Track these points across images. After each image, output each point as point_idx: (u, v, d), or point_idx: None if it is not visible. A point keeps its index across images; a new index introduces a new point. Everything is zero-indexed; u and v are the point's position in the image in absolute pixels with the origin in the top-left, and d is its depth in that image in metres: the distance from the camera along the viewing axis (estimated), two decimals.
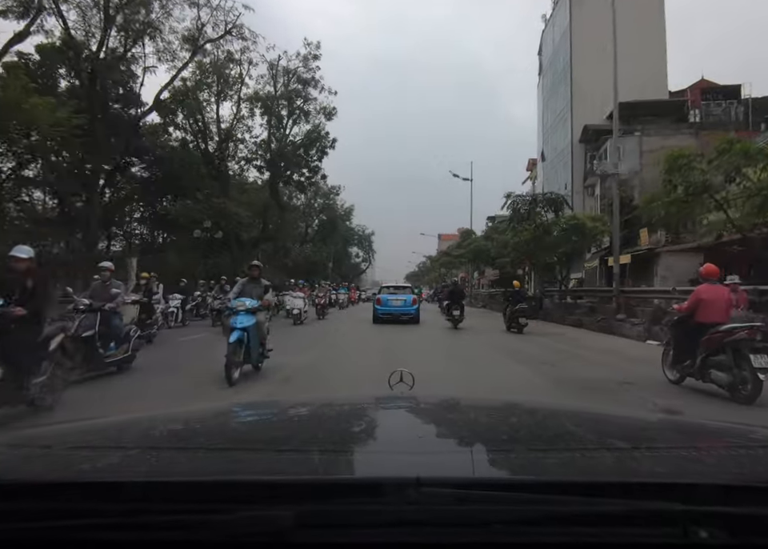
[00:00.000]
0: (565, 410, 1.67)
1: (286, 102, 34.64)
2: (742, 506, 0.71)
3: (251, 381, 6.91)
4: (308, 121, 35.61)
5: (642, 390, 6.51)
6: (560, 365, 8.99)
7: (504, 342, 12.95)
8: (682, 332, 6.81)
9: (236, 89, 33.13)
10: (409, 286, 22.63)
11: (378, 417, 1.49)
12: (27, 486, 0.76)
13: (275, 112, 34.59)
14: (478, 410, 1.61)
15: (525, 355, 10.17)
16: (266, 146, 35.04)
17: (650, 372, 7.52)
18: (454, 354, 10.54)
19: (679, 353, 6.78)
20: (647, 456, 1.03)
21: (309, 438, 1.18)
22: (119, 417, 1.47)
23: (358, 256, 79.01)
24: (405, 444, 1.08)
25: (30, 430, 1.34)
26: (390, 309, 18.41)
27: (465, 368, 8.50)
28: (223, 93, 32.82)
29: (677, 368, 6.85)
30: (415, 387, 1.88)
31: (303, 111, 35.14)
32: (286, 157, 35.06)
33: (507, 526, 0.69)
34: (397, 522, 0.69)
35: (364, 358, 9.47)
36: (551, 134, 40.24)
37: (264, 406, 1.77)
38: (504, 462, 0.98)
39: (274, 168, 35.01)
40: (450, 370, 8.05)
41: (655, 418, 1.63)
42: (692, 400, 6.15)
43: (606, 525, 0.70)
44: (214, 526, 0.68)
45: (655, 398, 5.76)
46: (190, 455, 1.00)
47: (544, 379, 7.55)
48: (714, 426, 1.38)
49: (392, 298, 18.92)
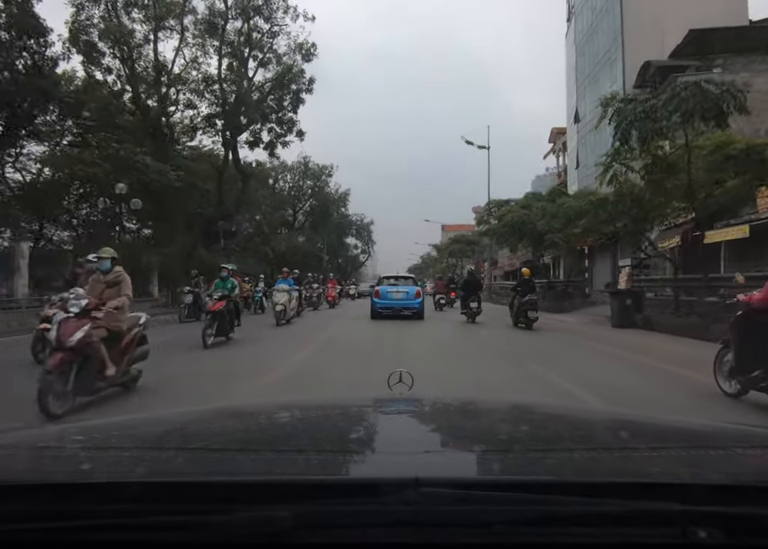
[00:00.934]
0: (564, 410, 1.69)
1: (242, 23, 25.48)
2: (740, 507, 0.70)
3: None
4: (279, 63, 26.74)
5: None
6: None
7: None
8: (750, 331, 5.20)
9: (177, 14, 24.54)
10: (411, 277, 19.60)
11: (377, 417, 1.51)
12: (26, 487, 0.76)
13: (229, 41, 25.58)
14: (477, 410, 1.61)
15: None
16: (220, 90, 25.80)
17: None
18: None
19: (744, 359, 5.20)
20: (646, 456, 1.03)
21: (308, 438, 1.19)
22: (118, 417, 1.56)
23: (357, 247, 70.24)
24: (404, 444, 1.08)
25: (30, 430, 1.35)
26: (391, 302, 16.00)
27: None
28: (162, 20, 24.47)
29: (738, 378, 5.33)
30: (414, 388, 1.88)
31: (270, 48, 26.21)
32: (248, 104, 25.55)
33: (506, 527, 0.69)
34: (395, 523, 0.70)
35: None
36: (589, 87, 31.32)
37: (263, 407, 1.78)
38: (503, 462, 0.98)
39: (230, 119, 25.67)
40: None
41: (654, 418, 1.57)
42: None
43: (605, 525, 0.70)
44: (213, 526, 0.69)
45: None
46: (189, 456, 1.01)
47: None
48: (712, 427, 1.36)
49: (393, 291, 16.35)
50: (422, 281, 34.15)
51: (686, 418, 1.71)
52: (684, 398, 5.67)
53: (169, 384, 6.14)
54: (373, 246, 70.97)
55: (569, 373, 6.99)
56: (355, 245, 69.18)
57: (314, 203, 55.15)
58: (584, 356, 9.31)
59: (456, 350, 9.84)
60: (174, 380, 6.36)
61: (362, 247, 69.25)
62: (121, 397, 5.58)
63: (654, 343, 11.09)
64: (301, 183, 55.31)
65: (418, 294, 16.37)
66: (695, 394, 5.76)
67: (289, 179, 54.55)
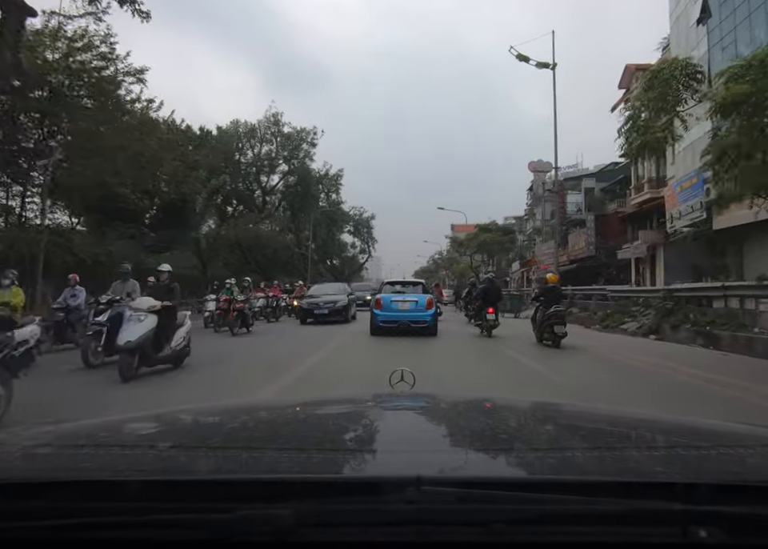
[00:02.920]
0: (565, 409, 1.68)
1: None
2: (741, 506, 0.70)
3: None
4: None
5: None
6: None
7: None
8: None
9: None
10: (420, 283, 15.73)
11: (379, 415, 1.50)
12: (25, 486, 0.77)
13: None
14: (478, 408, 1.61)
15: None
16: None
17: None
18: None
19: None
20: (646, 455, 1.03)
21: (309, 436, 1.19)
22: (119, 416, 1.51)
23: (355, 246, 57.85)
24: (405, 443, 1.09)
25: (30, 429, 1.32)
26: (395, 314, 12.99)
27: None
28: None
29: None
30: (416, 386, 1.87)
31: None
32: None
33: (507, 526, 0.69)
34: (397, 522, 0.70)
35: None
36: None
37: (264, 405, 1.81)
38: (504, 461, 0.98)
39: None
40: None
41: (654, 417, 1.59)
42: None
43: (606, 524, 0.70)
44: (214, 524, 0.69)
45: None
46: (190, 454, 1.01)
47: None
48: (713, 426, 1.36)
49: (398, 299, 13.37)
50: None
51: (686, 417, 1.72)
52: None
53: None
54: (374, 245, 58.10)
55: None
56: (353, 243, 57.22)
57: (292, 181, 41.32)
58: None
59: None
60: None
61: (360, 246, 57.35)
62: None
63: None
64: (273, 154, 40.17)
65: (430, 304, 13.36)
66: None
67: (261, 147, 40.40)
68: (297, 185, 40.80)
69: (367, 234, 55.72)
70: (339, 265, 56.77)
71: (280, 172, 41.32)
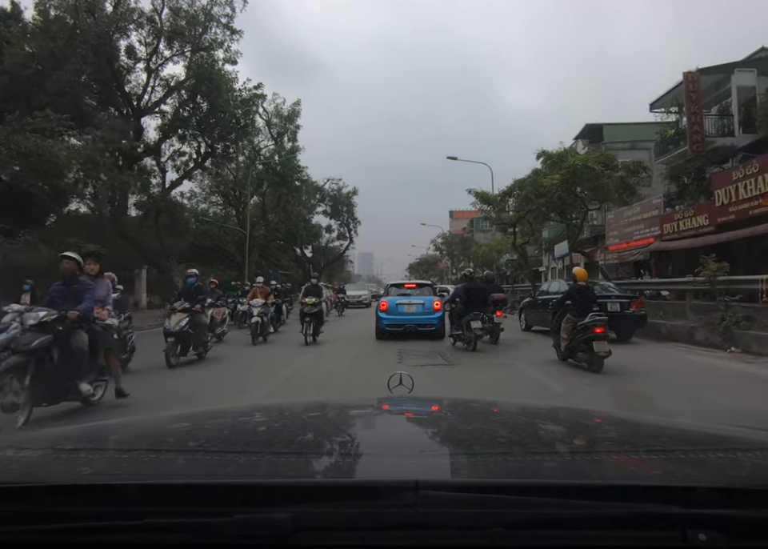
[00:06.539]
0: (563, 413, 1.66)
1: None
2: (741, 510, 0.71)
3: None
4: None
5: None
6: None
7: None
8: None
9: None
10: (428, 284, 15.27)
11: (377, 420, 1.51)
12: (23, 489, 0.76)
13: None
14: (477, 412, 1.61)
15: None
16: None
17: None
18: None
19: None
20: (646, 459, 1.03)
21: (307, 440, 1.19)
22: (118, 420, 1.54)
23: (331, 230, 44.15)
24: (403, 447, 1.08)
25: (30, 432, 1.33)
26: (401, 318, 12.58)
27: None
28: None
29: None
30: (414, 391, 1.86)
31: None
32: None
33: (506, 530, 0.69)
34: (395, 526, 0.70)
35: None
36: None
37: (263, 409, 1.78)
38: (503, 465, 0.98)
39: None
40: None
41: (654, 421, 1.57)
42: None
43: (606, 528, 0.70)
44: (213, 528, 0.69)
45: None
46: (189, 458, 1.01)
47: None
48: (713, 429, 1.35)
49: (404, 302, 12.96)
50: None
51: (686, 420, 1.72)
52: None
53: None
54: (356, 228, 44.30)
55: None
56: (329, 226, 43.64)
57: (200, 100, 22.88)
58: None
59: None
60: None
61: (338, 229, 43.71)
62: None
63: None
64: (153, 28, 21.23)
65: (437, 307, 12.70)
66: None
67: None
68: (204, 104, 22.41)
69: (347, 214, 42.53)
70: (316, 257, 44.82)
71: (168, 76, 23.02)
